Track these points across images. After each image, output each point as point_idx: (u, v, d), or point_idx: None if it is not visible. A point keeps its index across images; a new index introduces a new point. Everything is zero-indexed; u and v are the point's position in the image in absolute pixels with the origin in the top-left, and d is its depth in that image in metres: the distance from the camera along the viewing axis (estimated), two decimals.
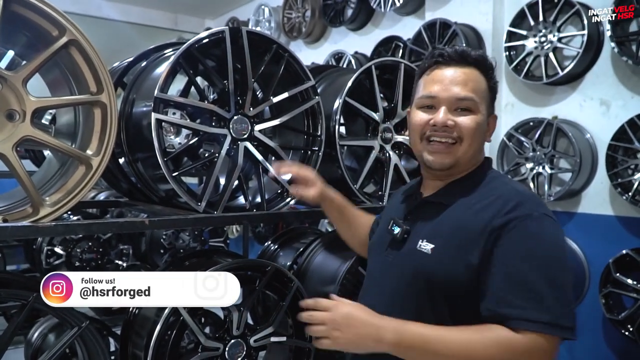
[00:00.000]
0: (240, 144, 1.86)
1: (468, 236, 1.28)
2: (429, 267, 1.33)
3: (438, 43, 4.40)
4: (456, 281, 1.28)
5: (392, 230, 1.47)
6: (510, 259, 1.22)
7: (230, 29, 1.80)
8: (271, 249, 2.59)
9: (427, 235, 1.37)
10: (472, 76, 1.39)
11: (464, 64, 1.39)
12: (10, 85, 1.47)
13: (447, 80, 1.39)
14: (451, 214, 1.37)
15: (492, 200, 1.31)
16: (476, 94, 1.38)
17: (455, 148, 1.39)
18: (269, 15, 6.57)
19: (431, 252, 1.33)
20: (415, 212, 1.49)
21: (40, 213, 1.51)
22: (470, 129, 1.38)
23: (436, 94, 1.39)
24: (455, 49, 1.41)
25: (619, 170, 3.34)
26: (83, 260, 4.13)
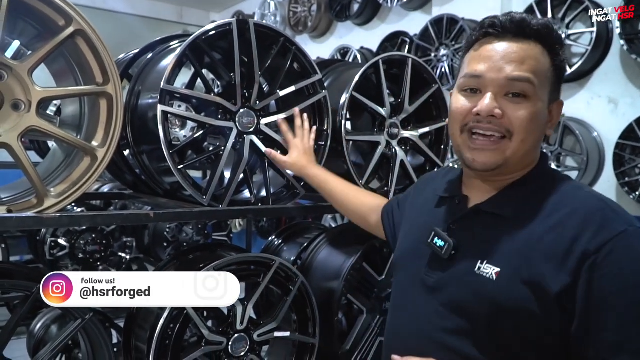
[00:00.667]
0: (246, 137, 1.85)
1: (545, 258, 1.02)
2: (494, 295, 1.07)
3: (445, 39, 4.38)
4: (530, 314, 1.03)
5: (434, 244, 1.20)
6: (619, 293, 0.97)
7: (237, 21, 1.78)
8: (275, 243, 2.58)
9: (489, 255, 1.10)
10: (531, 52, 1.10)
11: (522, 36, 1.11)
12: (15, 75, 1.45)
13: (499, 56, 1.11)
14: (517, 230, 1.09)
15: (569, 212, 1.05)
16: (535, 75, 1.09)
17: (503, 144, 1.12)
18: (274, 9, 6.56)
19: (496, 277, 1.07)
20: (463, 222, 1.20)
21: (45, 204, 1.50)
22: (524, 121, 1.10)
23: (482, 74, 1.12)
24: (512, 16, 1.13)
25: (626, 169, 3.33)
26: (86, 252, 4.13)
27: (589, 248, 0.98)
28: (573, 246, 1.00)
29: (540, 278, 1.02)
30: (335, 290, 2.02)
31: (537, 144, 1.16)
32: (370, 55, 5.42)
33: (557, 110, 1.17)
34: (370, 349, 2.13)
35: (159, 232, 4.40)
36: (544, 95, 1.12)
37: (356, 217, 1.80)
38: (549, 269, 1.01)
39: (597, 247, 0.98)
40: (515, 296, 1.04)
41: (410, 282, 1.27)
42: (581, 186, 1.15)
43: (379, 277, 2.15)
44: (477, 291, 1.10)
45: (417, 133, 2.24)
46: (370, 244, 2.11)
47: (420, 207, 1.39)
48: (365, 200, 1.78)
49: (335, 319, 2.02)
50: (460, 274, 1.14)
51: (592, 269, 0.97)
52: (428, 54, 4.54)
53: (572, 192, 1.10)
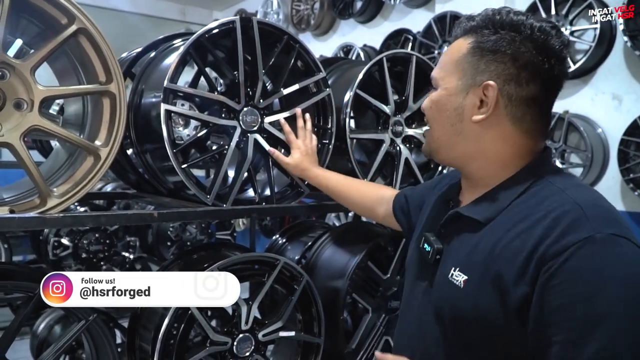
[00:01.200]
0: (250, 136, 1.84)
1: (506, 266, 0.97)
2: (460, 304, 1.04)
3: (448, 36, 4.36)
4: (493, 324, 0.98)
5: (423, 249, 1.20)
6: (571, 308, 0.88)
7: (241, 18, 1.77)
8: (279, 242, 2.57)
9: (461, 262, 1.08)
10: (452, 48, 1.16)
11: (460, 36, 1.16)
12: (18, 74, 1.44)
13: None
14: (488, 236, 1.04)
15: (540, 217, 0.97)
16: (442, 68, 1.15)
17: (426, 133, 1.24)
18: (277, 7, 6.55)
19: (463, 285, 1.04)
20: (448, 227, 1.18)
21: (48, 204, 1.50)
22: (425, 108, 1.20)
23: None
24: (459, 21, 1.19)
25: (631, 165, 3.31)
26: (90, 251, 4.13)
27: (547, 253, 0.91)
28: (533, 252, 0.93)
29: (501, 288, 0.97)
30: (340, 289, 2.01)
31: (452, 130, 1.13)
32: (373, 53, 5.40)
33: (490, 92, 1.06)
34: (376, 348, 2.12)
35: (163, 231, 4.40)
36: (450, 82, 1.12)
37: (362, 210, 1.82)
38: (510, 279, 0.95)
39: (554, 253, 0.90)
40: (478, 306, 1.00)
41: (410, 288, 1.28)
42: (567, 187, 1.02)
43: (384, 275, 2.14)
44: (447, 299, 1.08)
45: (421, 131, 2.23)
46: (375, 243, 2.10)
47: (427, 212, 1.37)
48: (369, 192, 1.77)
49: (340, 318, 2.01)
50: (439, 281, 1.12)
51: (547, 277, 0.90)
52: (431, 52, 4.53)
53: (554, 194, 1.01)
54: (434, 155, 1.22)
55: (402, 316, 1.32)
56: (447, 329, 1.08)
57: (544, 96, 1.09)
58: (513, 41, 1.06)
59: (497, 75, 1.06)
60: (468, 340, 1.05)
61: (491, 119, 1.08)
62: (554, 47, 1.06)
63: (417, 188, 1.59)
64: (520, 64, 1.05)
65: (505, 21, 1.08)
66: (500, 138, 1.10)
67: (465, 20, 1.16)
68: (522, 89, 1.06)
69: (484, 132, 1.10)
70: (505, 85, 1.06)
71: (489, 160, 1.12)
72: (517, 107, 1.07)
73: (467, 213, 1.12)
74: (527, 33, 1.06)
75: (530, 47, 1.05)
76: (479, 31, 1.11)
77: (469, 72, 1.10)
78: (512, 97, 1.06)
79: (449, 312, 1.07)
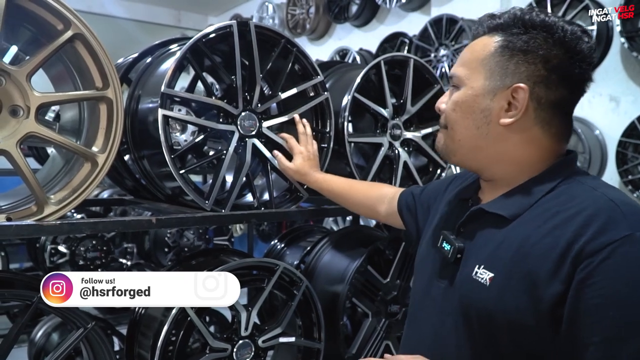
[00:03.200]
0: (248, 140, 1.83)
1: (538, 263, 0.95)
2: (487, 303, 1.01)
3: (444, 39, 4.37)
4: (522, 324, 0.96)
5: (442, 247, 1.16)
6: (609, 308, 0.87)
7: (238, 23, 1.76)
8: (277, 247, 2.56)
9: (486, 259, 1.05)
10: (475, 46, 1.12)
11: (482, 34, 1.13)
12: (13, 80, 1.43)
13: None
14: (516, 232, 1.02)
15: (573, 213, 0.95)
16: (466, 66, 1.11)
17: (442, 133, 1.18)
18: (272, 12, 6.56)
19: (489, 283, 1.01)
20: (469, 224, 1.15)
21: (45, 211, 1.48)
22: (447, 110, 1.14)
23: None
24: (481, 18, 1.14)
25: (629, 167, 3.31)
26: (87, 258, 4.12)
27: (584, 251, 0.89)
28: (569, 250, 0.91)
29: (532, 285, 0.94)
30: (340, 294, 2.00)
31: (478, 133, 1.09)
32: (370, 56, 5.40)
33: (520, 95, 1.03)
34: (376, 353, 2.11)
35: (160, 237, 4.39)
36: (476, 81, 1.08)
37: (364, 210, 1.79)
38: (542, 276, 0.93)
39: (592, 251, 0.89)
40: (506, 305, 0.98)
41: (424, 291, 1.23)
42: (598, 186, 1.01)
43: (383, 279, 2.12)
44: (472, 298, 1.05)
45: (419, 134, 2.23)
46: (374, 247, 2.09)
47: (441, 210, 1.33)
48: (370, 192, 1.75)
49: (340, 323, 1.99)
50: (462, 280, 1.09)
51: (584, 275, 0.89)
52: (428, 55, 4.53)
53: (585, 192, 0.99)
54: (450, 157, 1.18)
55: (414, 317, 1.27)
56: (475, 331, 1.05)
57: (571, 100, 1.07)
58: (545, 42, 1.03)
59: (527, 77, 1.03)
60: (496, 343, 1.01)
61: (519, 122, 1.05)
62: (584, 51, 1.03)
63: (426, 188, 1.54)
64: (551, 66, 1.02)
65: (537, 21, 1.04)
66: (526, 141, 1.07)
67: (488, 18, 1.12)
68: (552, 92, 1.04)
69: (511, 135, 1.07)
70: (535, 87, 1.03)
71: (513, 163, 1.10)
72: (545, 111, 1.05)
73: (492, 209, 1.09)
74: (559, 35, 1.03)
75: (562, 49, 1.03)
76: (507, 30, 1.07)
77: (497, 73, 1.06)
78: (542, 101, 1.04)
79: (476, 313, 1.03)
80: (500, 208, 1.08)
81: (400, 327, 2.16)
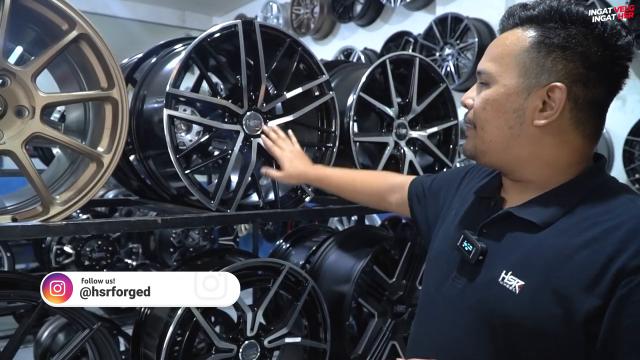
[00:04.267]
0: (254, 140, 1.82)
1: (575, 276, 0.91)
2: (515, 311, 0.97)
3: (449, 38, 4.35)
4: (551, 334, 0.93)
5: (462, 247, 1.11)
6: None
7: (243, 22, 1.76)
8: (283, 247, 2.56)
9: (515, 265, 1.01)
10: (506, 39, 1.05)
11: (512, 26, 1.06)
12: (19, 81, 1.43)
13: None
14: (550, 241, 0.98)
15: (612, 226, 0.92)
16: (497, 61, 1.04)
17: (471, 133, 1.12)
18: (277, 12, 6.56)
19: (519, 291, 0.97)
20: (494, 226, 1.10)
21: (50, 212, 1.48)
22: (477, 108, 1.07)
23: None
24: (512, 8, 1.07)
25: (636, 165, 3.30)
26: (92, 259, 4.13)
27: (627, 267, 0.86)
28: (609, 265, 0.88)
29: (566, 298, 0.91)
30: (346, 294, 1.99)
31: (510, 133, 1.04)
32: (374, 56, 5.39)
33: (557, 95, 0.98)
34: (382, 353, 2.10)
35: (165, 237, 4.39)
36: (509, 78, 1.02)
37: (373, 201, 1.72)
38: (578, 289, 0.90)
39: (634, 268, 0.86)
40: (537, 315, 0.94)
41: (436, 288, 1.19)
42: (635, 198, 0.97)
43: (389, 279, 2.12)
44: (497, 304, 1.00)
45: (425, 133, 2.22)
46: (380, 247, 2.08)
47: (457, 206, 1.27)
48: (376, 182, 1.67)
49: (346, 324, 1.99)
50: (484, 283, 1.05)
51: (626, 292, 0.86)
52: (433, 54, 4.52)
53: (623, 204, 0.96)
54: (479, 158, 1.12)
55: (425, 315, 1.23)
56: (496, 336, 1.01)
57: (608, 98, 1.03)
58: (585, 38, 0.97)
59: (565, 75, 0.98)
60: (519, 350, 0.98)
61: (554, 123, 1.00)
62: (624, 47, 0.99)
63: (436, 178, 1.48)
64: (590, 64, 0.97)
65: (576, 15, 0.99)
66: (560, 143, 1.02)
67: (520, 9, 1.05)
68: (590, 91, 0.98)
69: (544, 136, 1.02)
70: (573, 86, 0.98)
71: (544, 165, 1.05)
72: (581, 111, 1.00)
73: (522, 214, 1.04)
74: (599, 30, 0.98)
75: (602, 46, 0.98)
76: (542, 24, 1.00)
77: (532, 70, 1.00)
78: (579, 100, 0.99)
79: (501, 319, 1.00)
80: (531, 214, 1.03)
81: (407, 328, 2.16)
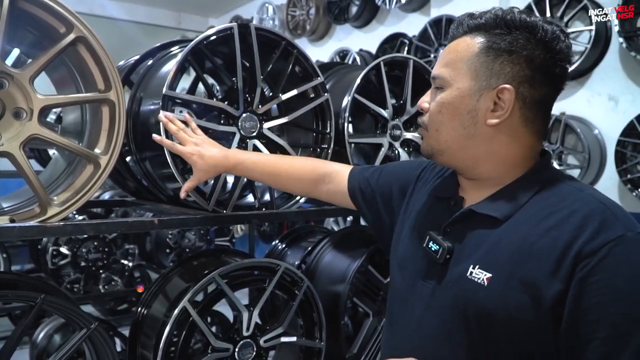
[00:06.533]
0: (249, 142, 1.84)
1: (538, 263, 0.97)
2: (485, 302, 1.01)
3: (444, 40, 4.37)
4: (523, 322, 0.97)
5: (429, 248, 1.15)
6: (610, 305, 0.90)
7: (238, 25, 1.78)
8: (279, 248, 2.57)
9: (481, 259, 1.05)
10: (458, 46, 1.11)
11: (462, 34, 1.13)
12: (17, 83, 1.44)
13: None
14: (511, 233, 1.04)
15: (567, 214, 0.99)
16: (450, 66, 1.10)
17: (425, 134, 1.18)
18: (272, 13, 6.57)
19: (487, 283, 1.02)
20: (457, 225, 1.15)
21: (48, 213, 1.49)
22: (432, 112, 1.13)
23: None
24: (460, 18, 1.14)
25: (628, 166, 3.32)
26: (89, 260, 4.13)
27: (583, 251, 0.93)
28: (567, 250, 0.94)
29: (532, 285, 0.96)
30: (341, 293, 2.01)
31: (465, 133, 1.10)
32: (370, 57, 5.41)
33: (506, 96, 1.05)
34: (377, 353, 2.12)
35: (161, 238, 4.40)
36: (462, 82, 1.08)
37: (300, 191, 1.69)
38: (542, 276, 0.95)
39: (591, 251, 0.92)
40: (507, 304, 0.98)
41: (408, 291, 1.21)
42: (583, 187, 1.05)
43: (384, 279, 2.14)
44: (469, 298, 1.04)
45: (419, 134, 2.23)
46: (375, 246, 2.10)
47: (416, 207, 1.31)
48: (303, 171, 1.61)
49: (341, 323, 2.00)
50: (454, 280, 1.09)
51: (584, 274, 0.92)
52: (427, 55, 4.54)
53: (573, 193, 1.03)
54: (436, 157, 1.17)
55: (396, 316, 1.25)
56: (471, 330, 1.05)
57: (553, 97, 1.10)
58: (528, 42, 1.04)
59: (513, 77, 1.05)
60: (493, 342, 1.02)
61: (505, 122, 1.07)
62: (564, 50, 1.06)
63: (382, 172, 1.49)
64: (535, 66, 1.04)
65: (519, 22, 1.05)
66: (512, 140, 1.09)
67: (467, 18, 1.12)
68: (536, 91, 1.06)
69: (497, 134, 1.08)
70: (520, 87, 1.05)
71: (499, 162, 1.11)
72: (529, 110, 1.07)
73: (483, 210, 1.10)
74: (541, 35, 1.04)
75: (544, 49, 1.04)
76: (489, 30, 1.07)
77: (482, 73, 1.07)
78: (527, 100, 1.06)
79: (474, 312, 1.03)
80: (491, 209, 1.09)
81: None
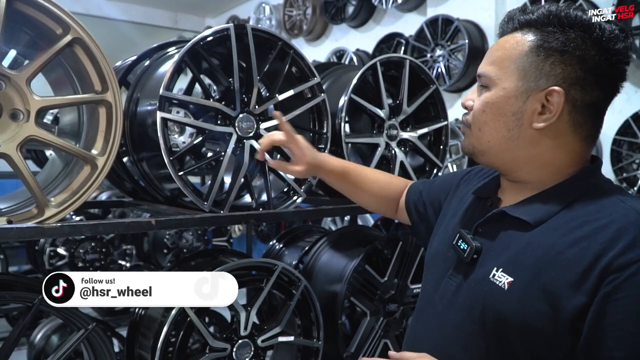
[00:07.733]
0: (246, 142, 1.84)
1: (563, 273, 0.93)
2: (503, 306, 0.99)
3: (440, 39, 4.38)
4: (539, 330, 0.94)
5: (458, 246, 1.14)
6: (634, 324, 0.87)
7: (235, 26, 1.78)
8: (276, 248, 2.58)
9: (505, 263, 1.03)
10: (506, 43, 1.06)
11: (512, 30, 1.08)
12: (13, 85, 1.44)
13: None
14: (540, 239, 1.00)
15: (601, 225, 0.93)
16: (497, 64, 1.06)
17: (467, 132, 1.14)
18: (269, 13, 6.57)
19: (508, 287, 0.99)
20: (489, 225, 1.12)
21: (45, 214, 1.49)
22: (476, 110, 1.09)
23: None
24: (511, 12, 1.09)
25: (624, 165, 3.33)
26: (86, 261, 4.13)
27: (612, 265, 0.88)
28: (596, 263, 0.90)
29: (553, 295, 0.93)
30: (338, 293, 2.01)
31: (508, 135, 1.06)
32: (366, 57, 5.42)
33: (555, 99, 1.00)
34: (375, 352, 2.12)
35: (159, 239, 4.39)
36: (508, 82, 1.04)
37: (380, 208, 1.68)
38: (565, 286, 0.92)
39: (619, 266, 0.87)
40: (524, 311, 0.96)
41: (434, 287, 1.20)
42: (626, 199, 0.99)
43: (381, 278, 2.14)
44: (487, 300, 1.02)
45: (416, 134, 2.24)
46: (372, 246, 2.10)
47: (455, 206, 1.30)
48: (390, 188, 1.61)
49: (338, 322, 2.01)
50: (476, 280, 1.07)
51: (610, 289, 0.88)
52: (424, 55, 4.55)
53: (613, 203, 0.97)
54: (477, 157, 1.14)
55: (421, 312, 1.25)
56: (487, 332, 1.03)
57: (606, 101, 1.04)
58: (583, 42, 0.99)
59: (563, 79, 0.99)
60: (508, 345, 1.00)
61: (552, 126, 1.02)
62: (621, 51, 1.00)
63: (434, 183, 1.50)
64: (587, 68, 0.99)
65: (574, 19, 1.01)
66: (558, 144, 1.04)
67: (519, 12, 1.07)
68: (587, 94, 1.00)
69: (542, 138, 1.04)
70: (571, 90, 0.99)
71: (542, 166, 1.07)
72: (579, 114, 1.01)
73: (515, 213, 1.06)
74: (597, 34, 1.00)
75: (600, 50, 0.99)
76: (541, 28, 1.02)
77: (531, 74, 1.02)
78: (577, 103, 1.00)
79: (492, 314, 1.01)
80: (524, 213, 1.05)
81: (399, 326, 2.19)
